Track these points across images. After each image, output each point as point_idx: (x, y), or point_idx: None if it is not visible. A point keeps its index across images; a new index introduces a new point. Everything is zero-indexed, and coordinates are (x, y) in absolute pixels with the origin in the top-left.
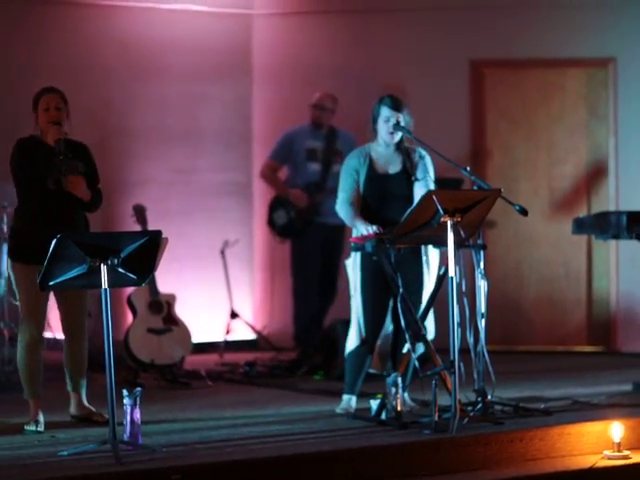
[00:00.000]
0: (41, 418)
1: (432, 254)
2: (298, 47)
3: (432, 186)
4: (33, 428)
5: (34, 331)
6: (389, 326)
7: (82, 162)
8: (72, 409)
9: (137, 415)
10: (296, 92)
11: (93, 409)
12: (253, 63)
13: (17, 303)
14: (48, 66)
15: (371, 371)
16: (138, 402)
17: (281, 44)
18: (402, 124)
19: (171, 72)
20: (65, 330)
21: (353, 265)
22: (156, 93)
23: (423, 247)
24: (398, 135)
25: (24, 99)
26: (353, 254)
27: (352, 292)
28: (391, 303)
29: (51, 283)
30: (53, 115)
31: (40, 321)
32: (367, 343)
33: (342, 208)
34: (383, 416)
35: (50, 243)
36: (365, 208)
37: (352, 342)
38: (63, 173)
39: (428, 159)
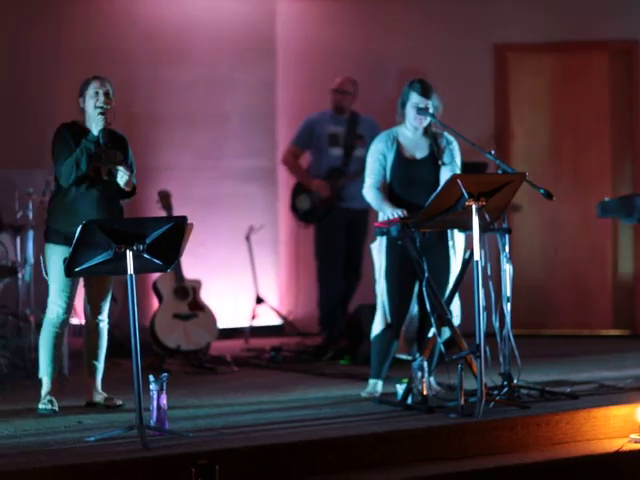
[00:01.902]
0: (53, 398)
1: (458, 238)
2: (322, 31)
3: (458, 172)
4: (49, 407)
5: (60, 311)
6: (414, 310)
7: (121, 153)
8: (88, 396)
9: (163, 401)
10: (320, 76)
11: (105, 395)
12: (277, 47)
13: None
14: (71, 51)
15: (398, 356)
16: (164, 388)
17: (305, 28)
18: (430, 110)
19: (195, 57)
20: (89, 313)
21: (378, 249)
22: (180, 78)
23: (449, 231)
24: (426, 120)
25: (46, 85)
26: (379, 238)
27: (377, 276)
28: (417, 287)
29: (77, 269)
30: (102, 100)
31: (68, 302)
32: (392, 327)
33: (369, 192)
34: (409, 400)
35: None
36: (391, 192)
37: (377, 326)
38: (103, 162)
39: (455, 145)
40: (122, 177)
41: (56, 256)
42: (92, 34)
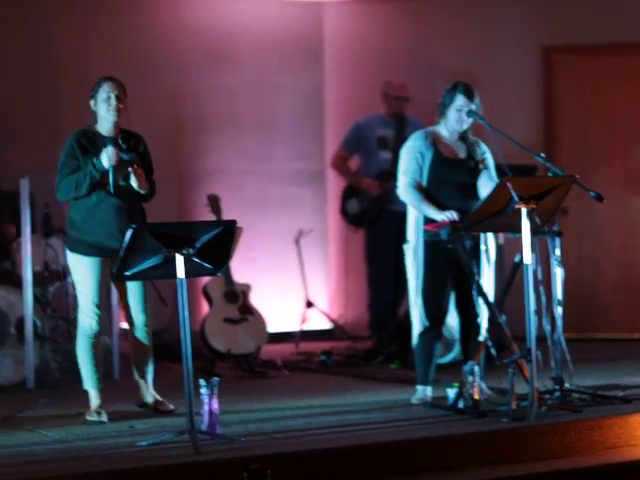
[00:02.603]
0: (102, 410)
1: (490, 243)
2: (369, 34)
3: (496, 179)
4: (95, 418)
5: (92, 321)
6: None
7: (137, 153)
8: (139, 397)
9: (215, 405)
10: (368, 79)
11: (159, 397)
12: (325, 51)
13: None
14: (120, 56)
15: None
16: (215, 392)
17: (352, 32)
18: None
19: (244, 61)
20: (127, 319)
21: (414, 251)
22: (229, 82)
23: (482, 236)
24: (467, 123)
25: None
26: (414, 240)
27: (409, 277)
28: (452, 291)
29: (127, 273)
30: (114, 105)
31: (99, 313)
32: (431, 329)
33: (406, 192)
34: (460, 405)
35: (105, 234)
36: (425, 192)
37: (416, 331)
38: (118, 168)
39: (489, 155)
40: (133, 180)
41: (81, 267)
42: (140, 39)
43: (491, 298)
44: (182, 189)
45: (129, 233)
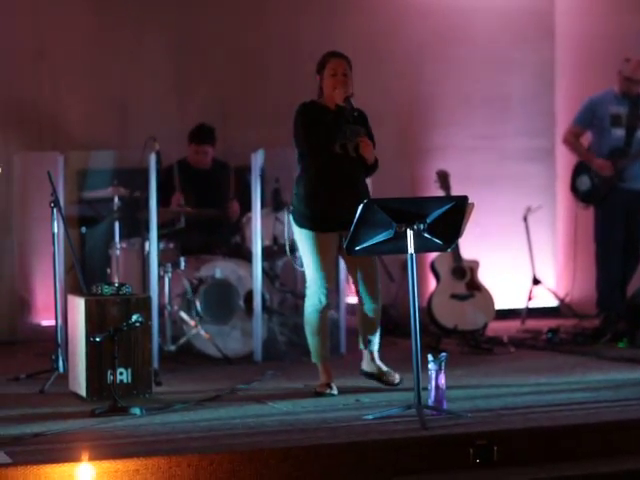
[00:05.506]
0: (332, 382)
1: None
2: (602, 8)
3: None
4: (327, 391)
5: (321, 295)
6: None
7: (364, 126)
8: (363, 364)
9: (442, 380)
10: (600, 56)
11: (384, 368)
12: (556, 26)
13: (302, 269)
14: (349, 35)
15: None
16: (443, 367)
17: (584, 6)
18: None
19: (473, 37)
20: (357, 293)
21: None
22: (459, 58)
23: None
24: None
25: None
26: None
27: None
28: None
29: (357, 248)
30: (340, 81)
31: (327, 287)
32: None
33: None
34: None
35: (336, 207)
36: None
37: None
38: (348, 137)
39: None
40: (364, 149)
41: (308, 241)
42: (369, 16)
43: None
44: (411, 165)
45: (361, 208)
